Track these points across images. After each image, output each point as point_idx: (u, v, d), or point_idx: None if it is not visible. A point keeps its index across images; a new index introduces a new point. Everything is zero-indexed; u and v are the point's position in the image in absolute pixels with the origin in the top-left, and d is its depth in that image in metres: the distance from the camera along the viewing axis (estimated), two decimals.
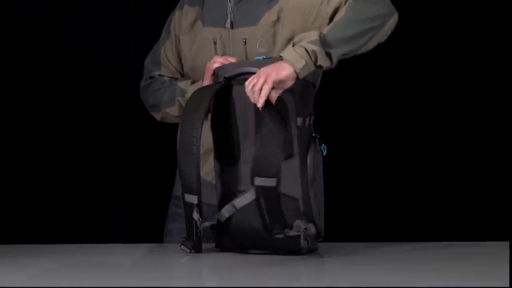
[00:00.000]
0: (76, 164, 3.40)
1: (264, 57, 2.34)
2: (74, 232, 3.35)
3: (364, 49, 2.38)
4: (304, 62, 2.26)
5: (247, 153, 2.30)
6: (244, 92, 2.28)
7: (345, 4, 2.39)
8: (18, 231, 3.31)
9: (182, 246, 2.30)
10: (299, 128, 2.26)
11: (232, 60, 2.38)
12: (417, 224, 3.43)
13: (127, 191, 3.43)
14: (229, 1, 2.49)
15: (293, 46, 2.29)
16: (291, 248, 2.25)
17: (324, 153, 2.32)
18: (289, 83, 2.25)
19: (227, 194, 2.34)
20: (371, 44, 2.39)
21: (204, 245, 2.31)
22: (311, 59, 2.27)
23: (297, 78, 2.26)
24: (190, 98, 2.36)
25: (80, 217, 3.39)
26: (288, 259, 2.19)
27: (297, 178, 2.25)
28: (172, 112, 2.54)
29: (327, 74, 2.46)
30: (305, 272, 2.09)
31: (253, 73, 2.28)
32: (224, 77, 2.33)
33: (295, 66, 2.25)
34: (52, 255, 2.34)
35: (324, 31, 2.31)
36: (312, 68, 2.28)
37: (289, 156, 2.26)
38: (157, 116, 2.60)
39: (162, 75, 2.61)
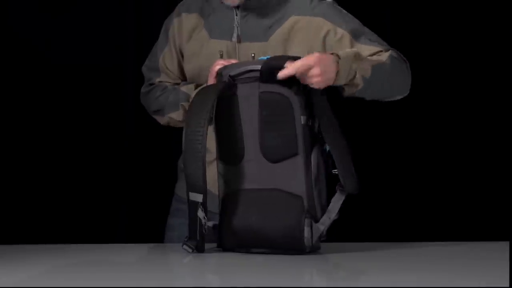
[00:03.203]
0: (76, 164, 3.41)
1: (268, 57, 2.34)
2: (74, 232, 3.35)
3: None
4: (344, 82, 2.30)
5: (251, 152, 2.31)
6: (249, 91, 2.30)
7: (383, 51, 2.45)
8: (18, 231, 3.31)
9: (184, 246, 2.30)
10: (304, 127, 2.27)
11: (234, 62, 2.39)
12: (417, 224, 3.43)
13: (128, 191, 3.44)
14: (236, 14, 2.49)
15: (354, 56, 2.31)
16: (294, 247, 2.25)
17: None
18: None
19: (229, 194, 2.34)
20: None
21: (206, 245, 2.31)
22: (347, 83, 2.31)
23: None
24: (194, 97, 2.36)
25: (80, 217, 3.39)
26: (290, 259, 2.20)
27: (301, 176, 2.26)
28: (176, 117, 2.54)
29: None
30: (308, 272, 2.09)
31: (258, 70, 2.29)
32: (229, 76, 2.33)
33: (338, 80, 2.27)
34: (54, 255, 2.34)
35: (372, 72, 2.34)
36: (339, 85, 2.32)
37: (294, 154, 2.26)
38: (161, 120, 2.60)
39: (162, 81, 2.61)
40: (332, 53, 2.29)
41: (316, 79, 2.23)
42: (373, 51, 2.46)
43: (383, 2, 3.50)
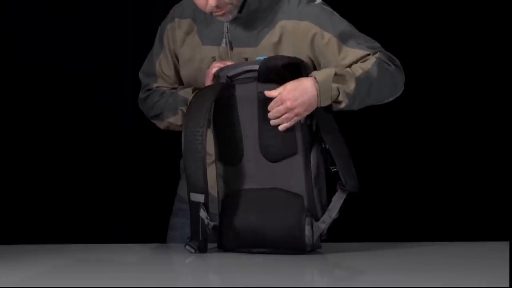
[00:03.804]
0: (77, 165, 3.40)
1: (265, 57, 2.34)
2: (76, 233, 3.35)
3: None
4: (329, 102, 2.30)
5: (251, 152, 2.31)
6: (247, 91, 2.30)
7: (370, 55, 2.40)
8: (19, 231, 3.31)
9: (186, 246, 2.30)
10: (303, 126, 2.27)
11: (229, 63, 2.38)
12: (417, 224, 3.43)
13: (129, 191, 3.43)
14: (225, 21, 2.46)
15: (334, 75, 2.29)
16: (295, 246, 2.25)
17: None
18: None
19: (231, 194, 2.34)
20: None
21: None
22: (333, 101, 2.30)
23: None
24: (193, 98, 2.37)
25: (81, 217, 3.38)
26: (292, 259, 2.20)
27: (301, 175, 2.26)
28: (175, 121, 2.53)
29: None
30: (309, 271, 2.09)
31: (256, 70, 2.29)
32: (227, 76, 2.33)
33: (321, 102, 2.28)
34: (54, 255, 2.34)
35: (355, 86, 2.31)
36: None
37: (293, 153, 2.27)
38: (161, 125, 2.59)
39: (160, 86, 2.60)
40: (311, 75, 2.29)
41: (297, 110, 2.25)
42: (360, 55, 2.40)
43: (383, 1, 3.49)
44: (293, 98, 2.25)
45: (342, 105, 2.32)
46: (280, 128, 2.27)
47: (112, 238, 3.36)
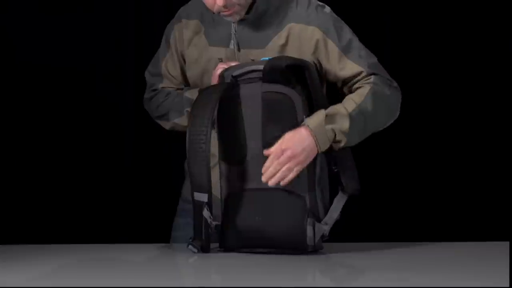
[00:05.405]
0: (79, 165, 3.40)
1: (270, 58, 2.34)
2: (78, 233, 3.35)
3: None
4: (328, 145, 2.29)
5: (254, 151, 2.31)
6: (251, 91, 2.31)
7: (364, 78, 2.40)
8: (22, 231, 3.31)
9: (189, 246, 2.31)
10: None
11: (234, 64, 2.39)
12: (417, 224, 3.44)
13: (131, 191, 3.43)
14: (233, 22, 2.46)
15: (325, 117, 2.28)
16: (297, 246, 2.26)
17: None
18: None
19: (233, 194, 2.35)
20: None
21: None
22: (332, 141, 2.30)
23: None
24: (197, 97, 2.37)
25: (85, 217, 3.39)
26: (294, 259, 2.20)
27: (304, 176, 2.27)
28: (181, 122, 2.53)
29: None
30: (311, 272, 2.10)
31: (260, 70, 2.30)
32: (232, 76, 2.34)
33: (320, 147, 2.28)
34: (57, 254, 2.34)
35: (350, 123, 2.30)
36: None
37: None
38: (166, 125, 2.59)
39: (165, 87, 2.60)
40: (303, 124, 2.28)
41: (299, 159, 2.25)
42: (356, 71, 2.40)
43: (384, 7, 3.49)
44: (293, 146, 2.25)
45: (342, 144, 2.32)
46: (284, 182, 2.26)
47: (115, 239, 3.36)
